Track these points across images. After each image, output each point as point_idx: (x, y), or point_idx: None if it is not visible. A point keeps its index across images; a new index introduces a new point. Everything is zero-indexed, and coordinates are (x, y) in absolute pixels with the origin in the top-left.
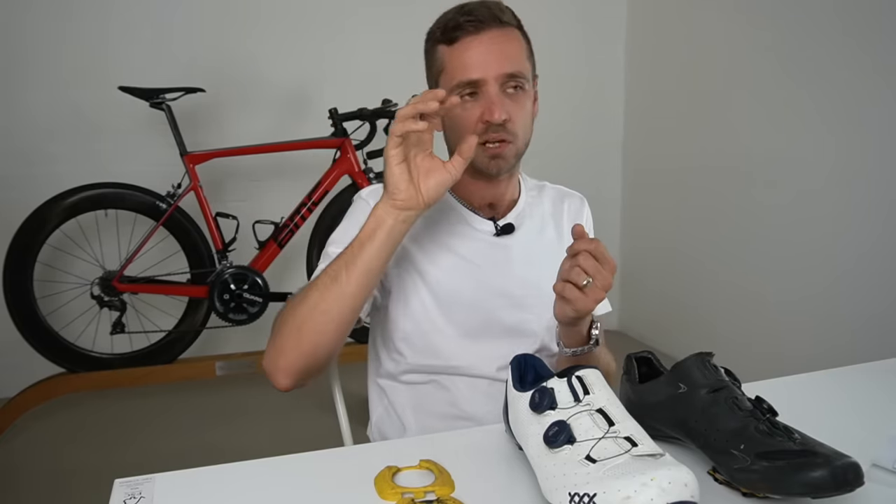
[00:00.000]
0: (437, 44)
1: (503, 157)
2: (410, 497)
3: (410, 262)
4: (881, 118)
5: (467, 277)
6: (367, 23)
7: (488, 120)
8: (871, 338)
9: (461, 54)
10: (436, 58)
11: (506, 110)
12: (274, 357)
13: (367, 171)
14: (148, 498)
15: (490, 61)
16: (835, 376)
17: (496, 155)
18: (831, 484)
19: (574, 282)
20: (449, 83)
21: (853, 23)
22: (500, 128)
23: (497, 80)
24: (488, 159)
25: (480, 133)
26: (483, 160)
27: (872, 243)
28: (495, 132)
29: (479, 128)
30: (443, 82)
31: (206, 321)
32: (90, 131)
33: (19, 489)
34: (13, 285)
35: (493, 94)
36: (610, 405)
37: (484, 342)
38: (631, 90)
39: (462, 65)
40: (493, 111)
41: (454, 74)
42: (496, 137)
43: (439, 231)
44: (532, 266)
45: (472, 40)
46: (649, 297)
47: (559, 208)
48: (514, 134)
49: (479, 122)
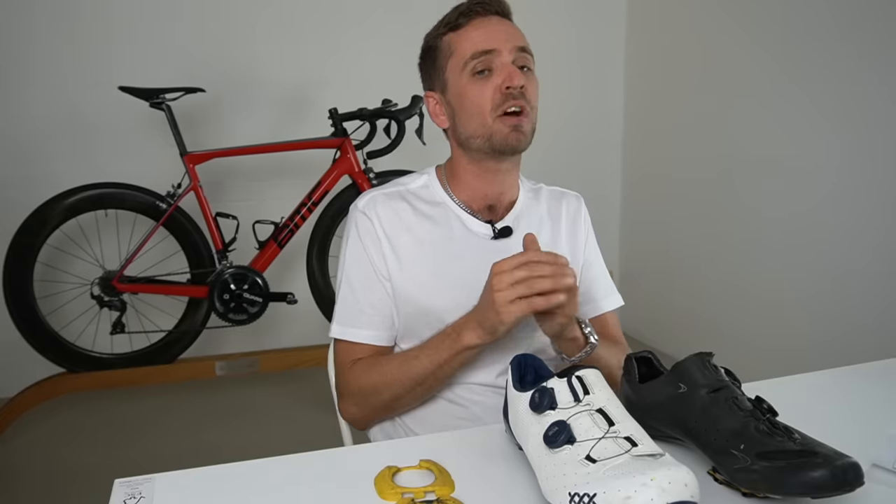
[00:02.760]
0: (441, 37)
1: (523, 129)
2: (410, 497)
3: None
4: (881, 118)
5: (462, 284)
6: (367, 23)
7: (509, 86)
8: (871, 338)
9: (471, 32)
10: (441, 48)
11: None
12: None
13: (367, 171)
14: (148, 498)
15: (501, 35)
16: (835, 376)
17: (517, 125)
18: (831, 484)
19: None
20: (460, 62)
21: (855, 22)
22: (520, 94)
23: (510, 51)
24: (509, 130)
25: (498, 104)
26: (502, 132)
27: (873, 243)
28: (515, 99)
29: (497, 98)
30: (452, 66)
31: (206, 321)
32: (90, 131)
33: (19, 489)
34: (13, 285)
35: (508, 63)
36: (610, 405)
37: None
38: (631, 90)
39: (472, 40)
40: (512, 76)
41: (465, 50)
42: (517, 103)
43: (438, 238)
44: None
45: (481, 21)
46: (649, 297)
47: (557, 209)
48: (530, 104)
49: (497, 91)
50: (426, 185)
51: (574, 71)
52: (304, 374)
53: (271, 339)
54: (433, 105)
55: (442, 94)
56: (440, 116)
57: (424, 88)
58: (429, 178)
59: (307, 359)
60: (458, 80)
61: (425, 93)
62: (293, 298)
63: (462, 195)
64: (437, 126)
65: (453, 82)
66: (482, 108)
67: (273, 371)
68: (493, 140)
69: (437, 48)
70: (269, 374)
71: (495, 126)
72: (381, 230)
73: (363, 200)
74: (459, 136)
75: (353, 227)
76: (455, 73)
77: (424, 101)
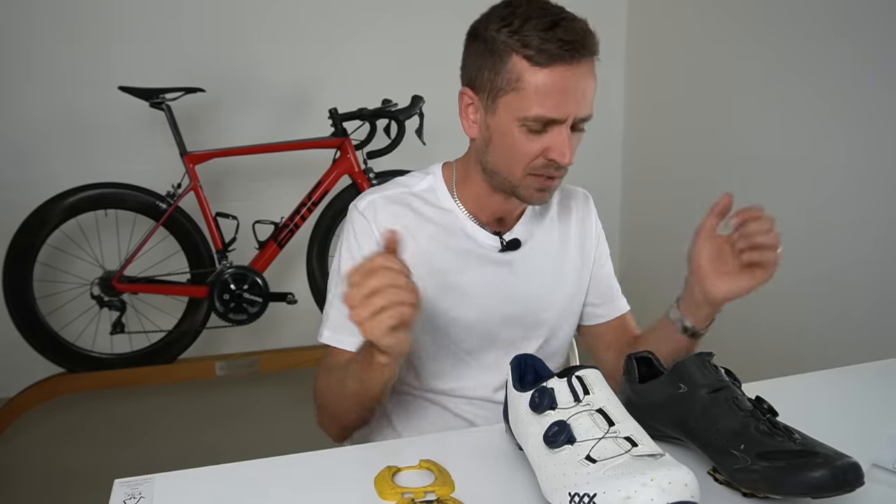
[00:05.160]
0: (513, 52)
1: (551, 190)
2: (410, 497)
3: None
4: (881, 118)
5: (465, 298)
6: (367, 23)
7: (555, 159)
8: (871, 338)
9: (548, 85)
10: (509, 69)
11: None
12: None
13: (367, 171)
14: (148, 498)
15: (572, 102)
16: (835, 376)
17: (545, 188)
18: (831, 484)
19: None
20: (521, 110)
21: (859, 20)
22: (562, 168)
23: (574, 120)
24: (535, 191)
25: (538, 168)
26: (529, 191)
27: (873, 243)
28: (557, 171)
29: (538, 162)
30: (511, 101)
31: (206, 321)
32: (90, 131)
33: (19, 489)
34: (13, 285)
35: (566, 136)
36: (610, 405)
37: (480, 363)
38: (631, 88)
39: (542, 97)
40: (564, 153)
41: (531, 105)
42: (556, 174)
43: (442, 248)
44: (533, 283)
45: (566, 72)
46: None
47: (566, 210)
48: (567, 171)
49: (540, 156)
50: (431, 189)
51: None
52: (304, 374)
53: (271, 339)
54: (467, 105)
55: (484, 108)
56: (471, 123)
57: (463, 79)
58: (434, 179)
59: (307, 359)
60: (509, 121)
61: (463, 87)
62: (293, 298)
63: (470, 204)
64: (462, 127)
65: (503, 119)
66: (519, 161)
67: (273, 371)
68: (516, 191)
69: (501, 63)
70: (269, 374)
71: (525, 181)
72: (380, 235)
73: (363, 202)
74: (484, 161)
75: (351, 228)
76: (508, 112)
77: (459, 96)
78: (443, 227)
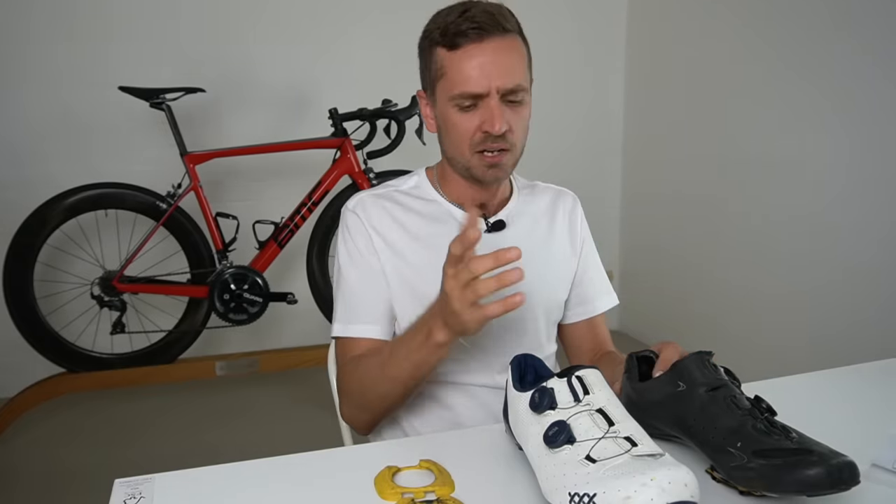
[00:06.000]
0: (436, 45)
1: (501, 166)
2: (410, 497)
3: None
4: (884, 114)
5: None
6: (366, 23)
7: (488, 131)
8: (870, 338)
9: (463, 64)
10: (434, 60)
11: (506, 120)
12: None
13: (367, 171)
14: (148, 498)
15: (492, 74)
16: (835, 376)
17: (494, 164)
18: (826, 482)
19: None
20: (448, 91)
21: (858, 21)
22: (499, 138)
23: (499, 92)
24: (486, 168)
25: (477, 142)
26: (480, 169)
27: (873, 243)
28: (494, 142)
29: (477, 137)
30: (441, 87)
31: (206, 321)
32: (89, 131)
33: (19, 489)
34: (13, 285)
35: (493, 107)
36: (610, 405)
37: (477, 346)
38: (631, 90)
39: (463, 77)
40: (493, 123)
41: (454, 85)
42: (495, 147)
43: (430, 230)
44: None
45: (475, 49)
46: (649, 297)
47: (553, 207)
48: (512, 144)
49: (477, 131)
50: (417, 185)
51: (574, 71)
52: (304, 374)
53: (271, 339)
54: (424, 105)
55: (432, 103)
56: (430, 120)
57: (421, 84)
58: (419, 178)
59: (307, 359)
60: (444, 105)
61: (419, 90)
62: (293, 298)
63: (452, 195)
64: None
65: (441, 105)
66: (462, 141)
67: (273, 371)
68: (471, 171)
69: (430, 57)
70: (269, 374)
71: (473, 160)
72: (371, 227)
73: (353, 201)
74: (444, 151)
75: (344, 226)
76: (443, 97)
77: (418, 97)
78: (430, 214)
